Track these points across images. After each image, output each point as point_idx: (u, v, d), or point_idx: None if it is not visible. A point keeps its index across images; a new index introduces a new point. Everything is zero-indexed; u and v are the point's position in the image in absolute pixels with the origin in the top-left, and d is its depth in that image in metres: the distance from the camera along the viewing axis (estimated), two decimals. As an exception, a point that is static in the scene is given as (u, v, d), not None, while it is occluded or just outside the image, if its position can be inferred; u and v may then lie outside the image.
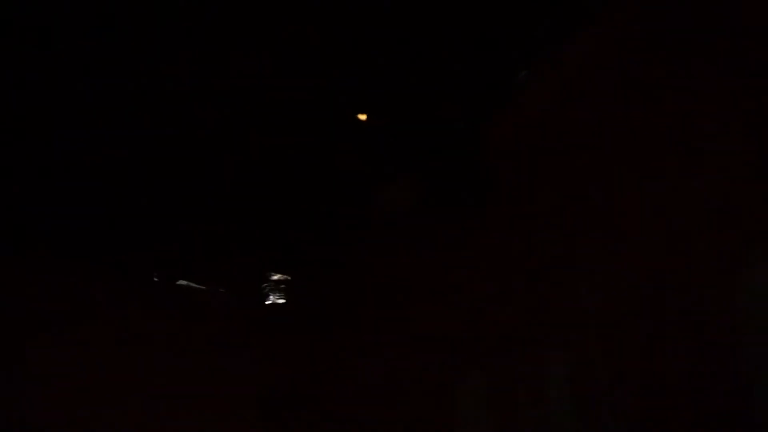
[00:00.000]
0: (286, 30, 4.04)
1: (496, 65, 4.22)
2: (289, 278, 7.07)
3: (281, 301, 7.20)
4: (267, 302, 7.21)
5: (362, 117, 4.66)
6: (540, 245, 4.34)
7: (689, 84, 3.50)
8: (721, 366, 3.25)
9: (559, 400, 4.13)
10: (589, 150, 4.03)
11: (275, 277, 7.09)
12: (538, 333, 4.29)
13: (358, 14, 3.88)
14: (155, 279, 6.76)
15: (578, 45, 4.04)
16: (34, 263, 5.81)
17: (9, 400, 5.45)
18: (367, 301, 5.95)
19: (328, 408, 6.07)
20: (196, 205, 5.73)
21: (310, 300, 6.85)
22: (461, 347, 4.84)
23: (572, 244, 4.11)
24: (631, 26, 3.82)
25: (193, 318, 6.67)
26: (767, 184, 3.13)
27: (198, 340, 6.52)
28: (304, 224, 5.99)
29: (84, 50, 3.96)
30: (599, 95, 3.96)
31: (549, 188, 4.32)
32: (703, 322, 3.34)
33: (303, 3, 3.87)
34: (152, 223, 5.89)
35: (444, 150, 4.87)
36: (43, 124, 4.55)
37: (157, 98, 4.45)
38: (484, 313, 4.69)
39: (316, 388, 6.35)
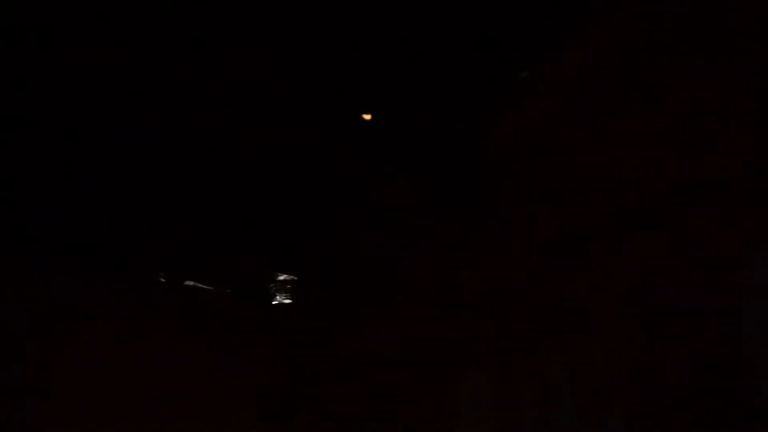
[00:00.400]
0: (286, 29, 4.04)
1: (497, 65, 4.21)
2: (295, 278, 7.08)
3: (287, 301, 7.21)
4: (273, 302, 7.22)
5: (367, 117, 4.66)
6: (540, 245, 4.34)
7: (690, 84, 3.50)
8: (722, 366, 3.25)
9: (560, 400, 4.13)
10: (589, 150, 4.03)
11: (281, 278, 7.10)
12: (538, 333, 4.30)
13: (358, 14, 3.88)
14: (162, 279, 6.79)
15: (579, 45, 4.04)
16: (34, 263, 5.84)
17: (9, 400, 5.47)
18: (368, 300, 5.96)
19: (328, 408, 6.09)
20: (203, 206, 5.74)
21: (315, 300, 6.87)
22: (462, 347, 4.84)
23: (572, 244, 4.11)
24: (631, 26, 3.82)
25: (195, 318, 6.69)
26: (768, 183, 3.14)
27: (199, 340, 6.54)
28: (308, 224, 6.00)
29: (83, 49, 3.97)
30: (600, 95, 3.96)
31: (550, 188, 4.32)
32: (704, 321, 3.34)
33: (303, 3, 3.87)
34: (158, 224, 5.91)
35: (445, 150, 4.87)
36: (43, 124, 4.57)
37: (158, 98, 4.46)
38: (484, 312, 4.70)
39: (317, 388, 6.36)
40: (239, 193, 5.64)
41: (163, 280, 6.88)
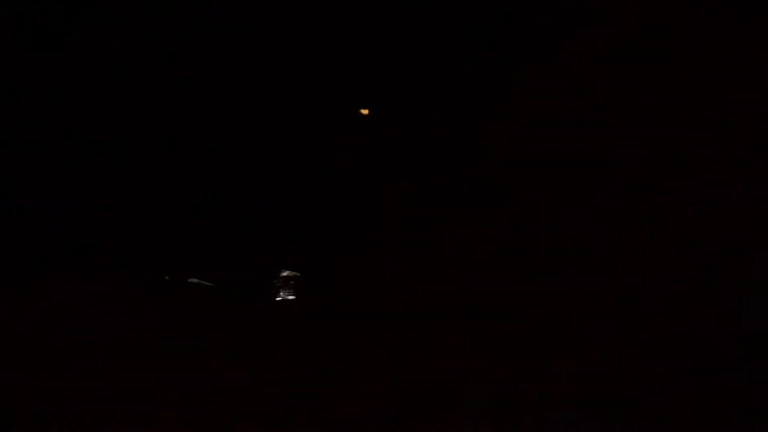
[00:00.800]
0: (287, 30, 4.05)
1: (497, 64, 4.22)
2: (298, 275, 7.09)
3: (291, 297, 7.22)
4: (277, 299, 7.23)
5: (364, 112, 4.66)
6: (541, 245, 4.34)
7: (689, 84, 3.50)
8: (722, 366, 3.26)
9: (561, 401, 4.15)
10: (590, 149, 4.03)
11: (284, 274, 7.10)
12: (540, 333, 4.31)
13: (358, 13, 3.88)
14: (166, 278, 6.80)
15: (579, 45, 4.04)
16: (37, 260, 5.85)
17: (9, 400, 5.49)
18: (372, 299, 5.97)
19: (329, 408, 6.10)
20: (205, 204, 5.76)
21: (317, 297, 6.87)
22: (464, 346, 4.85)
23: (573, 244, 4.11)
24: (631, 26, 3.81)
25: (198, 316, 6.70)
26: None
27: (201, 338, 6.55)
28: (312, 222, 6.02)
29: (82, 49, 3.98)
30: (600, 95, 3.96)
31: (550, 188, 4.32)
32: (705, 322, 3.35)
33: (304, 3, 3.89)
34: (160, 223, 5.92)
35: (445, 150, 4.88)
36: (44, 123, 4.58)
37: (158, 97, 4.47)
38: (487, 313, 4.71)
39: (319, 387, 6.37)
40: (241, 191, 5.67)
41: (167, 278, 6.90)
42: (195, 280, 6.97)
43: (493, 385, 4.59)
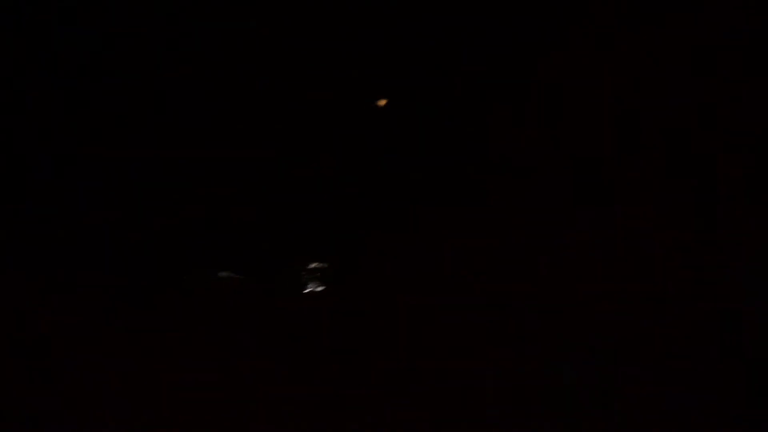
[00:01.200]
0: (288, 29, 4.08)
1: (497, 63, 4.22)
2: (325, 266, 7.12)
3: (319, 289, 7.26)
4: (304, 291, 7.27)
5: (382, 102, 4.66)
6: (540, 243, 4.35)
7: (690, 83, 3.49)
8: (722, 366, 3.26)
9: (564, 397, 4.16)
10: (590, 149, 4.02)
11: (312, 266, 7.14)
12: (542, 329, 4.32)
13: (355, 12, 3.91)
14: (193, 272, 6.87)
15: (580, 44, 4.03)
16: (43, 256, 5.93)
17: (11, 400, 5.59)
18: (384, 295, 6.00)
19: (343, 409, 6.14)
20: (231, 199, 5.81)
21: (340, 289, 6.91)
22: (469, 343, 4.87)
23: (573, 241, 4.12)
24: (632, 26, 3.80)
25: (219, 314, 6.76)
26: (765, 183, 3.13)
27: (223, 335, 6.61)
28: (332, 217, 6.05)
29: (85, 48, 4.04)
30: (598, 94, 3.95)
31: (551, 188, 4.32)
32: (705, 322, 3.34)
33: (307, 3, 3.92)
34: (185, 218, 5.99)
35: (445, 149, 4.88)
36: (49, 122, 4.65)
37: (163, 93, 4.52)
38: (490, 309, 4.72)
39: (333, 388, 6.40)
40: (264, 185, 5.71)
41: (195, 271, 6.96)
42: (225, 274, 7.05)
43: (495, 384, 4.61)
